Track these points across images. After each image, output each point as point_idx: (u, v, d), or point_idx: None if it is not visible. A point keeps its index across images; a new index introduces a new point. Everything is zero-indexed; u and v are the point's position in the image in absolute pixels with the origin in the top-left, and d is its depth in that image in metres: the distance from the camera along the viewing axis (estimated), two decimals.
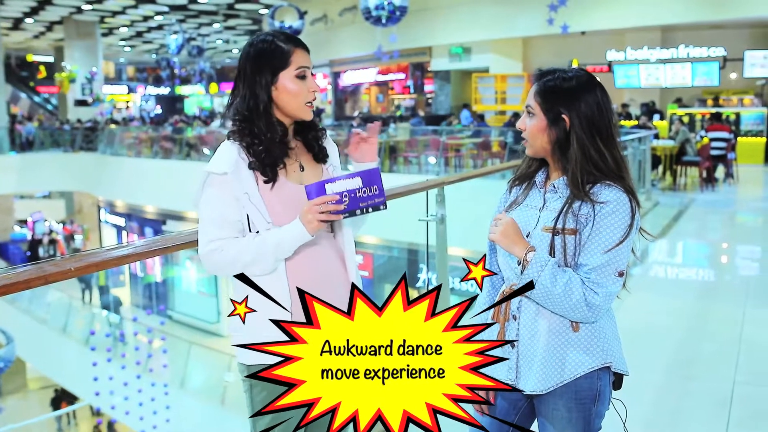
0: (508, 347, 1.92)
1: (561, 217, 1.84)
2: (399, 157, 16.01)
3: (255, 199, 1.90)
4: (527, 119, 1.92)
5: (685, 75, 17.88)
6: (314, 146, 2.06)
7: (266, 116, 1.93)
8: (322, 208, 1.85)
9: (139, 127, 24.18)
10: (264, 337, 1.90)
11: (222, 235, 1.91)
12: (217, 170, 1.90)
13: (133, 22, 29.60)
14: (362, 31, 20.85)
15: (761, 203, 12.23)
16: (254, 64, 1.94)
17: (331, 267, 2.03)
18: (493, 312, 1.96)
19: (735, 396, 3.81)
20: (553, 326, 1.87)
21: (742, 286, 6.47)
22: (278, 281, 1.93)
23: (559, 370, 1.87)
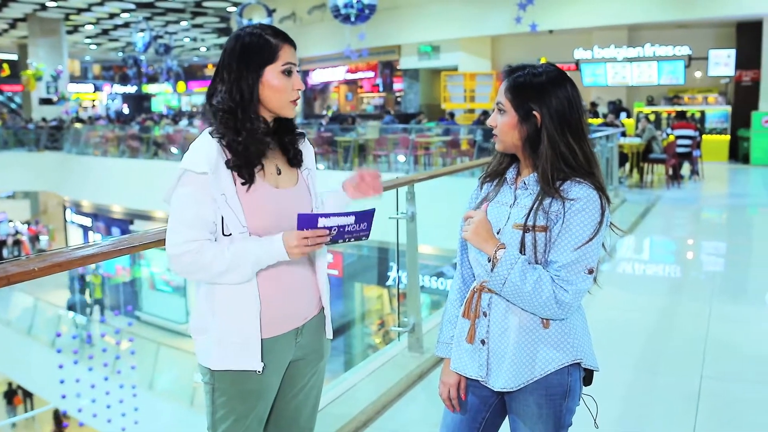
0: (479, 344, 1.92)
1: (531, 215, 1.83)
2: (368, 156, 16.01)
3: (232, 201, 1.84)
4: (498, 116, 1.90)
5: (652, 73, 18.08)
6: (290, 150, 2.01)
7: (250, 110, 1.88)
8: (310, 242, 1.82)
9: (106, 126, 23.90)
10: (230, 342, 1.90)
11: (197, 236, 1.84)
12: (197, 169, 1.83)
13: (98, 19, 29.23)
14: (331, 29, 20.81)
15: (726, 200, 12.41)
16: (241, 57, 1.88)
17: (300, 271, 2.00)
18: (464, 309, 1.96)
19: (702, 391, 3.85)
20: (523, 323, 1.86)
21: (708, 282, 6.56)
22: (248, 287, 1.89)
23: (530, 367, 1.87)
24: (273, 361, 1.95)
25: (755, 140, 16.05)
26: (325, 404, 3.53)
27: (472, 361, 1.94)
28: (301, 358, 2.05)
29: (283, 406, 2.08)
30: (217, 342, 1.90)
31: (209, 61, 43.59)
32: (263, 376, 1.93)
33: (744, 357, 4.46)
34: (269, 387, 1.98)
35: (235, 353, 1.89)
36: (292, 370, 2.05)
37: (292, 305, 1.97)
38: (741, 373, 4.20)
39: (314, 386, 2.13)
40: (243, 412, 1.95)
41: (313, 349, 2.07)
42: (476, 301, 1.92)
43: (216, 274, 1.84)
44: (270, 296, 1.92)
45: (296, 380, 2.06)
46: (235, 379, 1.92)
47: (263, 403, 1.99)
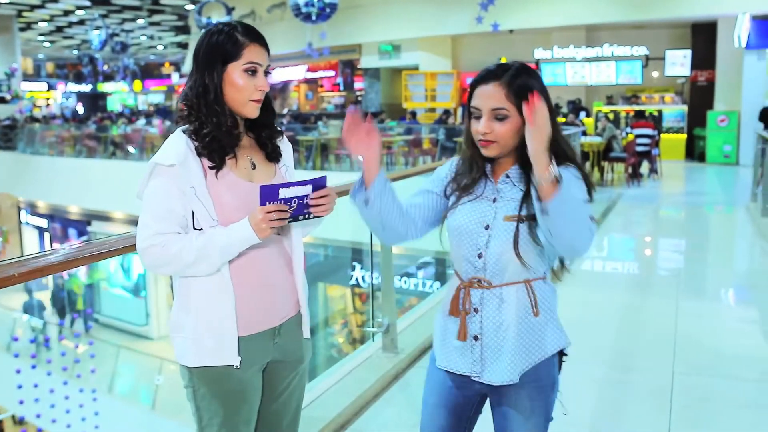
0: (471, 341, 1.91)
1: (524, 205, 1.84)
2: (330, 155, 15.95)
3: (201, 194, 1.84)
4: (495, 123, 1.83)
5: (610, 73, 18.34)
6: (267, 144, 2.01)
7: (214, 105, 1.88)
8: (274, 216, 1.80)
9: (62, 125, 23.46)
10: (206, 340, 1.89)
11: (165, 229, 1.83)
12: (164, 161, 1.83)
13: (52, 16, 28.69)
14: (291, 27, 20.69)
15: (684, 198, 12.63)
16: (207, 52, 1.89)
17: (276, 269, 1.98)
18: (450, 307, 1.94)
19: (675, 386, 3.89)
20: (519, 314, 1.88)
21: (673, 279, 6.65)
22: (222, 283, 1.88)
23: (528, 356, 1.89)
24: (250, 360, 1.94)
25: (710, 139, 16.37)
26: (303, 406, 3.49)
27: (463, 357, 1.93)
28: (280, 360, 2.03)
29: (264, 409, 2.06)
30: (193, 339, 1.90)
31: (166, 60, 43.08)
32: (242, 376, 1.92)
33: (713, 352, 4.52)
34: (250, 387, 1.96)
35: (211, 349, 1.89)
36: (271, 372, 2.03)
37: (268, 304, 1.96)
38: (712, 369, 4.26)
39: (295, 390, 2.11)
40: (228, 414, 1.94)
41: (293, 351, 2.05)
42: (465, 298, 1.91)
43: (184, 266, 1.83)
44: (245, 294, 1.91)
45: (276, 382, 2.05)
46: (214, 378, 1.91)
47: (247, 406, 1.97)
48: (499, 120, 1.83)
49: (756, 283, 6.60)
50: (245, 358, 1.92)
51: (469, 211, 1.91)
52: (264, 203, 1.80)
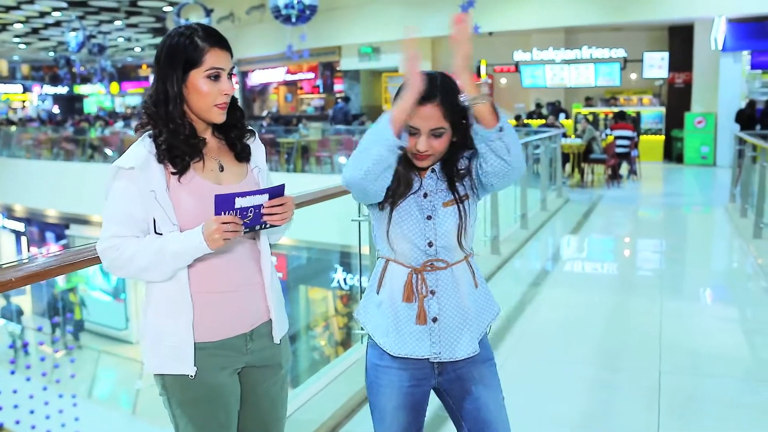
0: (430, 323, 1.97)
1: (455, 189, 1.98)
2: (311, 157, 15.92)
3: (162, 198, 1.82)
4: (434, 141, 1.92)
5: (589, 75, 18.46)
6: (236, 145, 1.99)
7: (173, 110, 1.85)
8: (228, 227, 1.78)
9: (38, 128, 23.23)
10: (165, 344, 1.88)
11: (122, 232, 1.83)
12: (125, 164, 1.83)
13: (28, 18, 28.36)
14: (270, 30, 20.63)
15: (664, 198, 12.74)
16: (167, 57, 1.86)
17: (244, 274, 1.96)
18: (404, 293, 1.96)
19: (662, 386, 3.93)
20: (468, 289, 2.01)
21: (656, 280, 6.70)
22: (179, 287, 1.86)
23: (479, 326, 2.04)
24: (220, 364, 1.92)
25: (688, 140, 16.53)
26: (293, 411, 3.48)
27: (420, 342, 1.98)
28: (255, 366, 2.01)
29: (246, 416, 2.05)
30: (152, 344, 1.90)
31: (144, 62, 42.78)
32: (213, 381, 1.91)
33: (698, 352, 4.57)
34: (223, 392, 1.94)
35: (168, 357, 1.88)
36: (248, 378, 2.02)
37: (236, 309, 1.94)
38: (697, 368, 4.30)
39: (278, 396, 2.10)
40: (202, 420, 1.92)
41: (269, 356, 2.03)
42: (419, 282, 1.96)
43: (138, 270, 1.83)
44: (210, 297, 1.90)
45: (256, 389, 2.04)
46: (184, 384, 1.90)
47: (223, 411, 1.95)
48: (437, 137, 1.92)
49: (737, 282, 6.67)
50: (212, 363, 1.90)
51: (409, 208, 1.97)
52: (219, 213, 1.78)
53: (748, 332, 5.18)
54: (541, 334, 4.96)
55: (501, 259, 6.82)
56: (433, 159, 1.96)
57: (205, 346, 1.89)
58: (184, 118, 1.87)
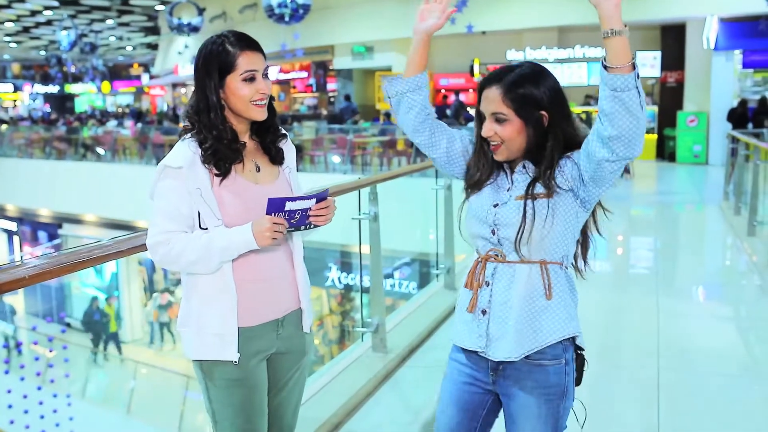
0: (479, 314, 1.94)
1: (533, 185, 1.89)
2: (305, 156, 15.91)
3: (207, 195, 1.92)
4: (496, 126, 1.89)
5: (581, 74, 18.53)
6: (271, 149, 2.08)
7: (215, 118, 1.95)
8: (278, 228, 1.89)
9: (30, 127, 23.13)
10: (209, 332, 1.97)
11: (172, 227, 1.92)
12: (173, 164, 1.92)
13: (19, 16, 28.25)
14: (263, 28, 20.59)
15: (658, 197, 12.79)
16: (204, 65, 1.96)
17: (278, 264, 2.06)
18: (467, 279, 1.98)
19: (661, 382, 3.96)
20: (528, 292, 1.90)
21: (652, 278, 6.74)
22: (223, 279, 1.95)
23: (533, 337, 1.90)
24: (254, 350, 2.01)
25: (680, 139, 16.60)
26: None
27: (470, 332, 1.96)
28: (284, 353, 2.10)
29: (269, 401, 2.12)
30: (196, 333, 1.98)
31: (135, 61, 42.65)
32: (248, 366, 2.00)
33: (694, 349, 4.61)
34: (256, 377, 2.03)
35: (213, 343, 1.97)
36: (274, 364, 2.11)
37: (271, 296, 2.04)
38: (694, 364, 4.34)
39: (297, 383, 2.19)
40: (239, 403, 2.01)
41: (296, 344, 2.13)
42: (480, 271, 1.95)
43: (186, 264, 1.93)
44: (249, 286, 1.99)
45: (279, 374, 2.12)
46: (221, 370, 1.98)
47: (258, 395, 2.04)
48: (500, 122, 1.88)
49: (732, 280, 6.72)
50: (249, 348, 1.99)
51: (486, 194, 1.96)
52: (270, 213, 1.89)
53: (742, 329, 5.23)
54: None
55: None
56: (505, 151, 1.91)
57: (242, 331, 1.98)
58: (225, 124, 1.97)
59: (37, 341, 13.15)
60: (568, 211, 1.91)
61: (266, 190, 1.99)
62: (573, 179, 1.89)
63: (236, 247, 1.90)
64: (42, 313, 16.68)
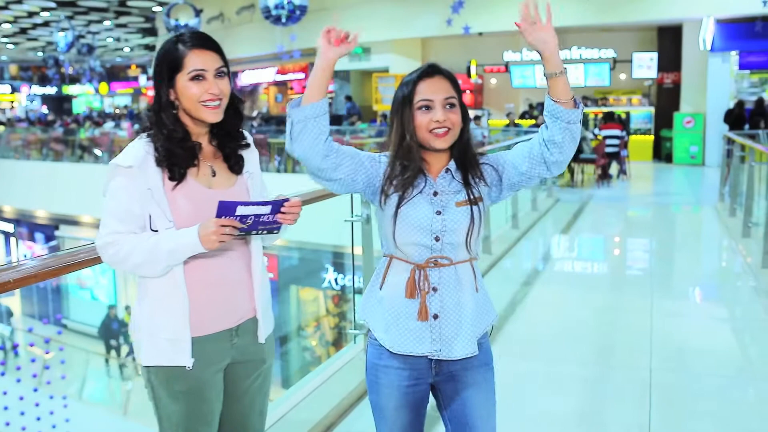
0: (431, 320, 1.98)
1: (470, 190, 1.99)
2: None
3: (158, 196, 1.89)
4: (449, 113, 1.95)
5: (578, 75, 18.52)
6: (230, 157, 2.04)
7: (166, 117, 1.94)
8: (226, 230, 1.85)
9: (27, 129, 23.12)
10: (161, 337, 1.94)
11: (121, 228, 1.89)
12: (123, 163, 1.89)
13: (16, 17, 28.22)
14: (260, 30, 20.61)
15: (653, 198, 12.81)
16: (157, 65, 1.97)
17: (234, 270, 2.01)
18: (407, 290, 1.98)
19: (653, 382, 3.97)
20: (470, 290, 2.01)
21: (647, 278, 6.75)
22: (174, 282, 1.92)
23: (478, 329, 2.03)
24: (207, 359, 1.97)
25: (677, 140, 16.63)
26: (288, 410, 3.50)
27: (420, 339, 1.99)
28: (240, 361, 2.07)
29: (228, 411, 2.10)
30: (148, 338, 1.95)
31: (133, 62, 42.62)
32: (200, 375, 1.96)
33: (688, 349, 4.62)
34: (209, 387, 1.99)
35: (165, 349, 1.93)
36: (232, 373, 2.07)
37: (224, 303, 2.00)
38: (687, 365, 4.35)
39: (259, 391, 2.15)
40: (186, 413, 1.97)
41: (253, 352, 2.09)
42: (422, 278, 1.96)
43: (133, 266, 1.89)
44: (201, 293, 1.95)
45: (238, 383, 2.09)
46: (171, 377, 1.95)
47: (207, 406, 2.00)
48: (452, 107, 1.96)
49: (726, 281, 6.74)
50: (202, 358, 1.96)
51: (417, 203, 1.97)
52: (219, 216, 1.84)
53: (736, 330, 5.24)
54: (533, 333, 4.99)
55: (493, 259, 6.85)
56: (451, 137, 1.95)
57: (195, 341, 1.94)
58: (176, 123, 1.94)
59: (33, 343, 13.14)
60: (486, 211, 2.07)
61: (220, 195, 1.94)
62: (492, 184, 2.03)
63: (183, 250, 1.87)
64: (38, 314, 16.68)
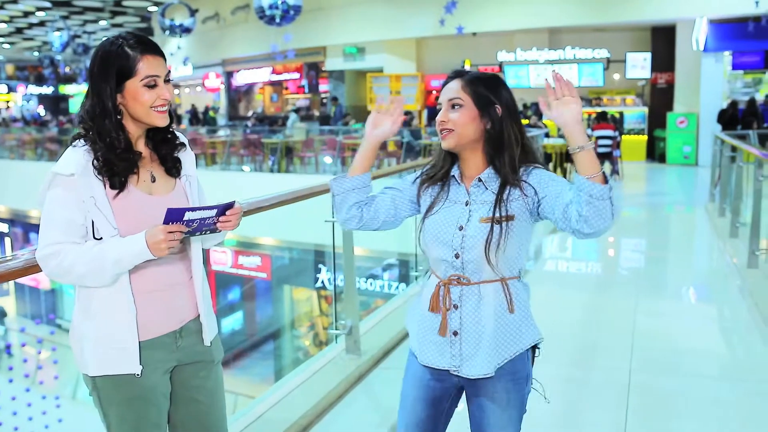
0: (451, 336, 1.99)
1: (498, 206, 1.93)
2: (295, 158, 15.93)
3: (101, 204, 1.85)
4: (451, 112, 1.97)
5: (572, 75, 18.54)
6: (167, 160, 2.02)
7: (110, 123, 1.87)
8: (173, 237, 1.83)
9: (23, 129, 23.12)
10: (107, 346, 1.90)
11: (62, 239, 1.83)
12: (64, 171, 1.83)
13: (12, 17, 28.21)
14: (255, 30, 20.62)
15: (645, 198, 12.83)
16: (101, 68, 1.87)
17: (175, 272, 2.01)
18: (431, 304, 2.01)
19: (632, 384, 3.98)
20: (495, 310, 1.97)
21: (633, 279, 6.78)
22: (121, 292, 1.89)
23: (503, 351, 1.99)
24: (153, 365, 1.95)
25: (670, 140, 16.66)
26: (265, 410, 3.52)
27: (442, 353, 2.01)
28: (187, 363, 2.06)
29: (185, 412, 2.09)
30: (93, 347, 1.90)
31: None
32: (145, 381, 1.93)
33: (671, 350, 4.63)
34: (154, 391, 1.97)
35: (112, 357, 1.90)
36: (180, 375, 2.06)
37: (168, 306, 1.98)
38: (670, 366, 4.36)
39: (215, 391, 2.13)
40: (135, 419, 1.95)
41: (199, 352, 2.07)
42: (445, 294, 1.99)
43: (77, 277, 1.83)
44: (145, 297, 1.93)
45: (186, 383, 2.07)
46: (117, 384, 1.92)
47: (154, 409, 1.98)
48: (454, 109, 1.96)
49: (711, 281, 6.75)
50: (148, 362, 1.93)
51: (444, 215, 2.00)
52: (167, 223, 1.82)
53: (720, 330, 5.26)
54: None
55: None
56: (455, 137, 1.96)
57: (141, 345, 1.92)
58: (119, 132, 1.89)
59: (26, 343, 13.14)
60: (524, 228, 1.98)
61: (161, 201, 1.93)
62: (532, 204, 1.96)
63: (130, 259, 1.82)
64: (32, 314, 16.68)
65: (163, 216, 1.82)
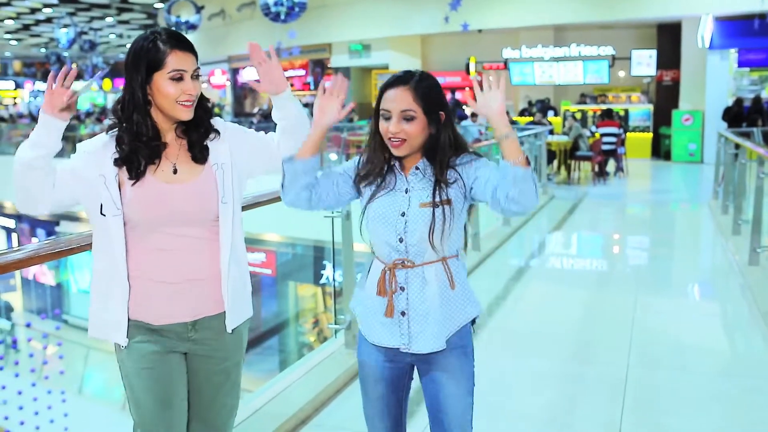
0: (399, 316, 2.08)
1: (437, 192, 2.04)
2: None
3: (110, 183, 1.96)
4: (405, 124, 2.02)
5: (577, 73, 18.52)
6: (194, 146, 2.08)
7: (138, 113, 1.97)
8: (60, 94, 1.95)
9: (29, 125, 23.19)
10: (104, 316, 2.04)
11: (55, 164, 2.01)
12: (84, 148, 2.02)
13: (19, 14, 28.30)
14: (261, 27, 20.64)
15: (649, 195, 12.83)
16: (133, 61, 1.97)
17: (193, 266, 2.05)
18: (378, 287, 2.10)
19: (629, 379, 4.01)
20: (440, 288, 2.07)
21: (634, 275, 6.79)
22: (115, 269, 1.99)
23: (449, 325, 2.10)
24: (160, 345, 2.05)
25: (676, 138, 16.63)
26: (263, 403, 3.55)
27: (391, 333, 2.11)
28: (201, 355, 2.13)
29: (195, 403, 2.17)
30: (95, 314, 2.06)
31: None
32: (152, 357, 2.04)
33: (671, 346, 4.66)
34: (162, 369, 2.06)
35: (104, 325, 2.04)
36: (192, 363, 2.14)
37: (177, 301, 2.05)
38: (664, 361, 4.38)
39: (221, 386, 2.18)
40: (140, 391, 2.05)
41: (214, 348, 2.13)
42: (390, 278, 2.07)
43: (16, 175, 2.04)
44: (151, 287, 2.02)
45: (196, 374, 2.15)
46: (126, 356, 2.04)
47: (161, 387, 2.06)
48: (407, 120, 2.02)
49: (712, 278, 6.77)
50: (155, 341, 2.04)
51: (386, 201, 2.09)
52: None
53: (719, 327, 5.28)
54: (515, 329, 5.03)
55: (481, 256, 6.89)
56: (407, 147, 2.03)
57: (147, 325, 2.03)
58: (147, 120, 1.98)
59: (32, 338, 13.21)
60: (460, 210, 2.09)
61: (178, 189, 2.02)
62: (466, 188, 2.07)
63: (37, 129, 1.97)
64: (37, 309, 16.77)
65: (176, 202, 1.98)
